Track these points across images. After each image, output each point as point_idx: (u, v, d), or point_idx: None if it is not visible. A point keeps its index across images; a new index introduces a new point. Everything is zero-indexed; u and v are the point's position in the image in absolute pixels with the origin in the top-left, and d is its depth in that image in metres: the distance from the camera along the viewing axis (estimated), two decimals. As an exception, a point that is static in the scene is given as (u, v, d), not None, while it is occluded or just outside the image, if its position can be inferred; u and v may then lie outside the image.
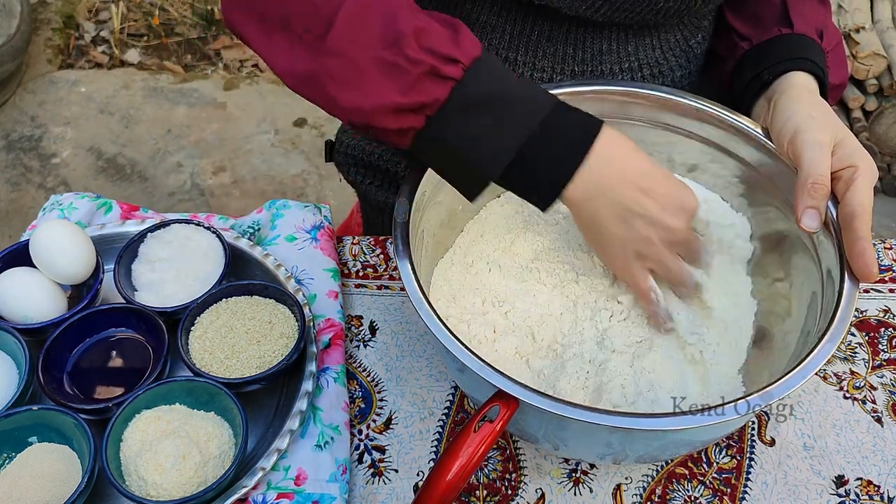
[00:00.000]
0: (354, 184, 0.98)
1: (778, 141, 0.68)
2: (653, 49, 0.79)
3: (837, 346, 0.56)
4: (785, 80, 0.72)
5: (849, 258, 0.60)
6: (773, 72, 0.72)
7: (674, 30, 0.79)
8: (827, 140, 0.64)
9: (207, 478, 0.63)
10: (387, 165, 0.92)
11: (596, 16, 0.72)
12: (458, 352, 0.55)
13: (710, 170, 0.75)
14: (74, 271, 0.72)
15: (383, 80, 0.58)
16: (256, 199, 2.06)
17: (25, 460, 0.63)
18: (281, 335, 0.70)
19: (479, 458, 0.53)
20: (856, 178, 0.62)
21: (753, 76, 0.74)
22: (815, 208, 0.62)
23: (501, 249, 0.73)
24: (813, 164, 0.63)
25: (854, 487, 0.67)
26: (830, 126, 0.65)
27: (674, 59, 0.80)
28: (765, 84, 0.73)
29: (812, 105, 0.68)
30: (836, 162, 0.64)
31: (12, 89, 2.28)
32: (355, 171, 0.96)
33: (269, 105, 2.28)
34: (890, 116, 1.93)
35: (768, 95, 0.73)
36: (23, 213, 2.03)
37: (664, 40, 0.79)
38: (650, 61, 0.79)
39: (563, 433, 0.59)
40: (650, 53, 0.79)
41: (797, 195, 0.63)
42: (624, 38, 0.77)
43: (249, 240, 0.80)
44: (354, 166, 0.96)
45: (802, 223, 0.62)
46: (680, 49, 0.80)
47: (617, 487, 0.67)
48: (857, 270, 0.60)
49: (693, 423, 0.52)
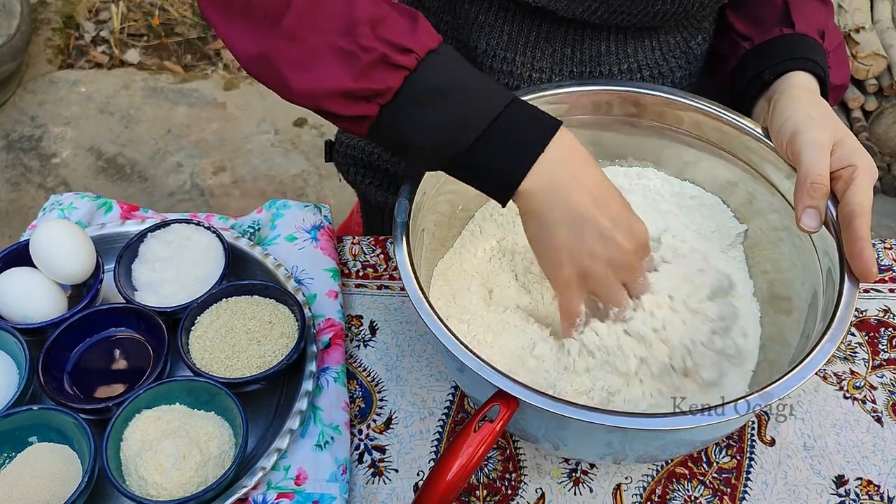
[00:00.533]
0: (354, 184, 0.98)
1: (777, 140, 0.68)
2: (652, 51, 0.79)
3: (837, 346, 0.56)
4: (785, 80, 0.72)
5: (848, 258, 0.60)
6: (774, 72, 0.72)
7: (674, 31, 0.79)
8: (826, 139, 0.64)
9: (207, 477, 0.63)
10: (386, 165, 0.92)
11: (593, 18, 0.72)
12: (457, 351, 0.55)
13: (709, 170, 0.75)
14: (74, 271, 0.72)
15: (336, 66, 0.58)
16: (256, 199, 2.06)
17: (25, 460, 0.63)
18: (281, 335, 0.70)
19: (479, 458, 0.53)
20: (855, 178, 0.62)
21: (754, 76, 0.74)
22: (815, 208, 0.62)
23: (502, 249, 0.73)
24: (812, 163, 0.63)
25: (854, 487, 0.67)
26: (830, 125, 0.65)
27: (674, 60, 0.80)
28: (765, 84, 0.73)
29: (811, 105, 0.68)
30: (835, 161, 0.64)
31: (12, 89, 2.28)
32: (355, 171, 0.96)
33: (269, 105, 2.28)
34: (890, 116, 1.93)
35: (768, 95, 0.73)
36: (23, 213, 2.03)
37: (664, 42, 0.79)
38: (650, 63, 0.79)
39: (562, 433, 0.59)
40: (650, 55, 0.79)
41: (796, 195, 0.63)
42: (623, 39, 0.77)
43: (249, 240, 0.81)
44: (354, 166, 0.96)
45: (802, 223, 0.62)
46: (680, 50, 0.80)
47: (617, 487, 0.67)
48: (857, 270, 0.60)
49: (693, 423, 0.52)
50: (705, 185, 0.76)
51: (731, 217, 0.75)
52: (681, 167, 0.76)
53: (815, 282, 0.64)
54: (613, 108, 0.74)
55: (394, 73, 0.58)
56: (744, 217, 0.74)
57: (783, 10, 0.76)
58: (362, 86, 0.58)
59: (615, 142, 0.77)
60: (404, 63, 0.58)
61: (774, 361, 0.66)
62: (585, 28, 0.75)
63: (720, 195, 0.76)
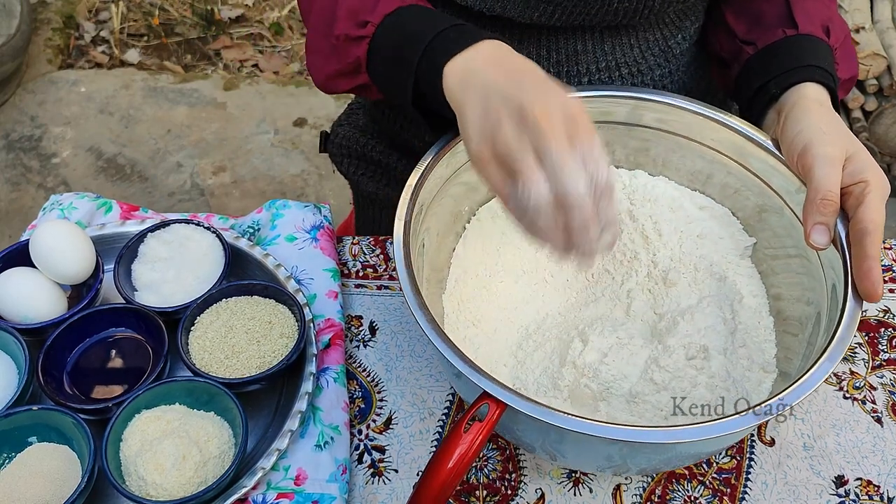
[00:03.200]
0: (347, 174, 0.99)
1: (788, 154, 0.66)
2: (630, 48, 0.78)
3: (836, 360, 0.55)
4: (795, 93, 0.69)
5: (855, 276, 0.59)
6: (781, 84, 0.70)
7: (653, 29, 0.78)
8: (838, 155, 0.62)
9: (207, 478, 0.63)
10: (379, 157, 0.93)
11: (551, 21, 0.72)
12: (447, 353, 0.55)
13: (722, 181, 0.74)
14: (74, 271, 0.72)
15: (326, 54, 0.72)
16: (256, 199, 2.05)
17: (25, 460, 0.63)
18: (281, 335, 0.70)
19: (470, 458, 0.53)
20: (867, 194, 0.60)
21: (760, 86, 0.72)
22: (825, 224, 0.61)
23: (502, 250, 0.73)
24: (823, 179, 0.61)
25: (854, 487, 0.67)
26: (842, 141, 0.64)
27: (652, 58, 0.79)
28: (773, 97, 0.71)
29: (823, 119, 0.66)
30: (846, 177, 0.62)
31: (12, 89, 2.28)
32: (348, 163, 0.97)
33: (269, 105, 2.28)
34: (890, 116, 1.93)
35: (778, 107, 0.70)
36: (23, 213, 2.03)
37: (642, 39, 0.78)
38: (628, 60, 0.78)
39: (560, 445, 0.59)
40: (628, 52, 0.78)
41: (806, 211, 0.62)
42: (600, 38, 0.76)
43: (249, 240, 0.81)
44: (347, 157, 0.97)
45: (811, 239, 0.61)
46: (659, 48, 0.79)
47: (617, 488, 0.67)
48: (862, 290, 0.58)
49: (694, 436, 0.52)
50: (715, 196, 0.75)
51: (740, 230, 0.73)
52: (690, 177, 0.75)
53: (819, 301, 0.63)
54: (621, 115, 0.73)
55: (359, 45, 0.67)
56: (752, 230, 0.73)
57: (784, 7, 0.74)
58: (343, 64, 0.70)
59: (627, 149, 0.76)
60: (365, 33, 0.66)
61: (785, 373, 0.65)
62: (558, 29, 0.75)
63: (730, 208, 0.75)
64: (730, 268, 0.72)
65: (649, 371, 0.63)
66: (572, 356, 0.64)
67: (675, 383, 0.63)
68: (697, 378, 0.63)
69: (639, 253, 0.72)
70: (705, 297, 0.69)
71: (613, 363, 0.63)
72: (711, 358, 0.64)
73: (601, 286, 0.72)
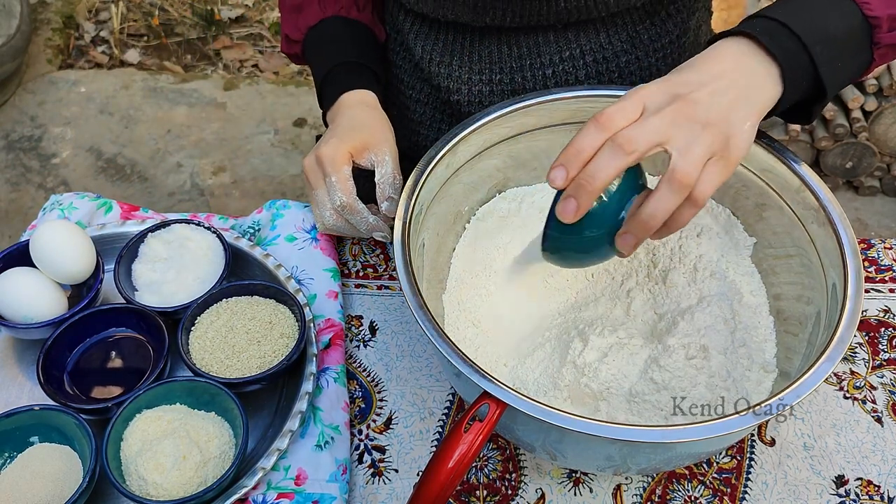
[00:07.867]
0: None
1: None
2: (596, 33, 0.78)
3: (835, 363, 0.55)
4: None
5: None
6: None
7: (621, 13, 0.78)
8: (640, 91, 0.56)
9: (207, 478, 0.63)
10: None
11: (505, 23, 0.73)
12: (448, 353, 0.55)
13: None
14: (74, 271, 0.72)
15: None
16: (256, 199, 2.06)
17: (26, 460, 0.63)
18: (281, 335, 0.70)
19: (470, 458, 0.53)
20: None
21: None
22: None
23: (502, 250, 0.73)
24: None
25: (854, 487, 0.67)
26: None
27: (619, 43, 0.80)
28: None
29: None
30: None
31: (12, 89, 2.28)
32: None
33: (269, 105, 2.28)
34: (890, 116, 1.93)
35: None
36: (23, 213, 2.03)
37: (609, 23, 0.78)
38: (594, 46, 0.79)
39: (560, 445, 0.59)
40: (594, 38, 0.78)
41: None
42: (563, 27, 0.77)
43: (249, 240, 0.81)
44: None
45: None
46: (627, 34, 0.80)
47: (617, 488, 0.67)
48: None
49: (694, 436, 0.52)
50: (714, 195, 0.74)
51: (740, 229, 0.73)
52: None
53: (819, 301, 0.63)
54: None
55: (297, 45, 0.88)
56: (752, 230, 0.73)
57: None
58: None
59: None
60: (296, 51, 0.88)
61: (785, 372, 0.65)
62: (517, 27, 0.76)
63: (730, 206, 0.74)
64: (730, 267, 0.72)
65: (649, 371, 0.63)
66: (572, 356, 0.64)
67: (675, 383, 0.63)
68: (697, 378, 0.63)
69: (638, 253, 0.72)
70: (705, 296, 0.69)
71: (613, 363, 0.63)
72: (711, 357, 0.64)
73: (601, 286, 0.72)
